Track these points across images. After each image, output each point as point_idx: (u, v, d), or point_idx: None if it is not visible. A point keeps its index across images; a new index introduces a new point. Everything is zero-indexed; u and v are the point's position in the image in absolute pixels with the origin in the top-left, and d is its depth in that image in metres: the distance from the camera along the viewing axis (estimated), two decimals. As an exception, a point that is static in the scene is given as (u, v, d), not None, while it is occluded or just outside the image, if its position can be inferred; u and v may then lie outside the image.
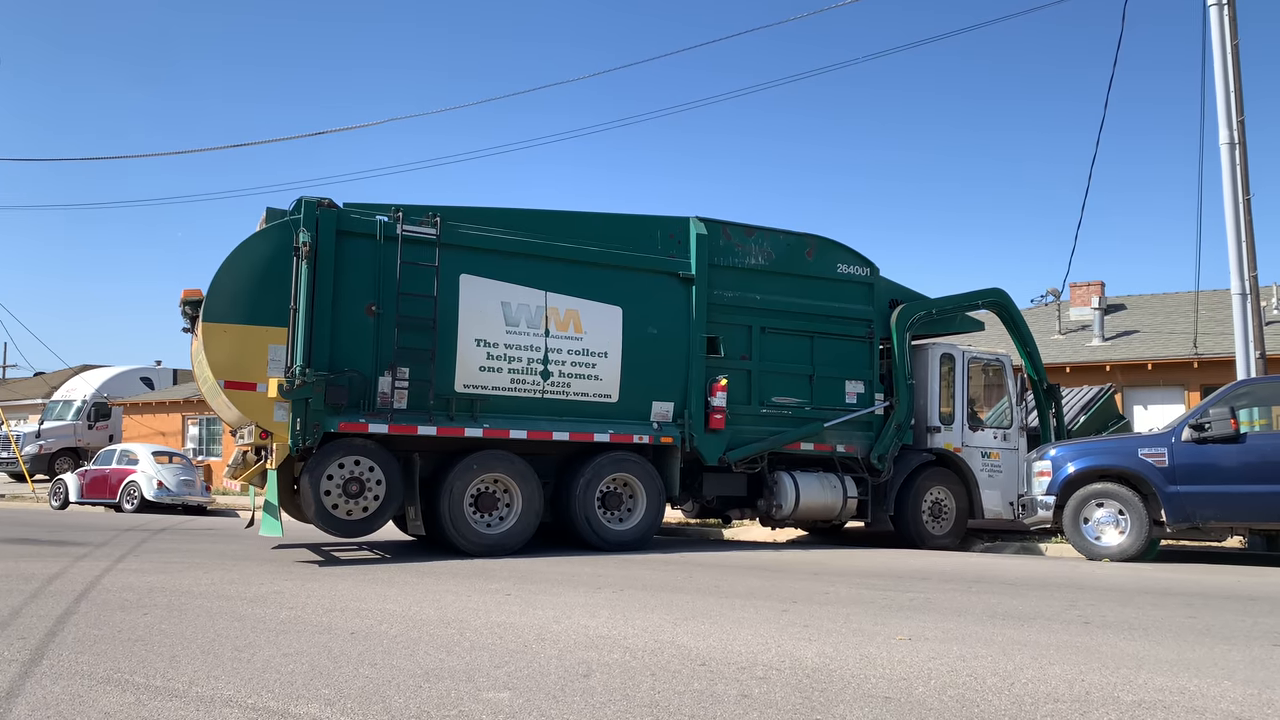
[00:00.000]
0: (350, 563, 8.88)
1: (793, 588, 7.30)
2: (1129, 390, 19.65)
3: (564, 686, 3.98)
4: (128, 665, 4.32)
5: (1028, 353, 13.08)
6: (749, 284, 11.32)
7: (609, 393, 10.37)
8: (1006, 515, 12.45)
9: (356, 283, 9.27)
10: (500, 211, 10.19)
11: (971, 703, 3.80)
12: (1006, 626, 5.59)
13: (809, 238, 11.82)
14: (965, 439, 12.35)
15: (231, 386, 8.82)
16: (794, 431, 11.42)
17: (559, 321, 10.14)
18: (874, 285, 12.11)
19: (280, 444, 8.89)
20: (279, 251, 8.96)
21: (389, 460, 9.23)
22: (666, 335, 10.72)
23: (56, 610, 5.87)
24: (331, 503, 8.96)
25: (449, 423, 9.51)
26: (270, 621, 5.53)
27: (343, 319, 9.17)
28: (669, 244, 10.91)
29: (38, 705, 3.65)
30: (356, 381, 9.17)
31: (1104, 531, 10.18)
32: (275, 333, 8.89)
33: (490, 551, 9.47)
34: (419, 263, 9.48)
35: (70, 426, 31.09)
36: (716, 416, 10.76)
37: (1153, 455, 9.98)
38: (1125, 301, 24.75)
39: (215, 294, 8.82)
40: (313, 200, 9.15)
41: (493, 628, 5.35)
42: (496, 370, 9.82)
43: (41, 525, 14.80)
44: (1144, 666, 4.51)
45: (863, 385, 11.93)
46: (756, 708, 3.69)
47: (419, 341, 9.42)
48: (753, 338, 11.30)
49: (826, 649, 4.83)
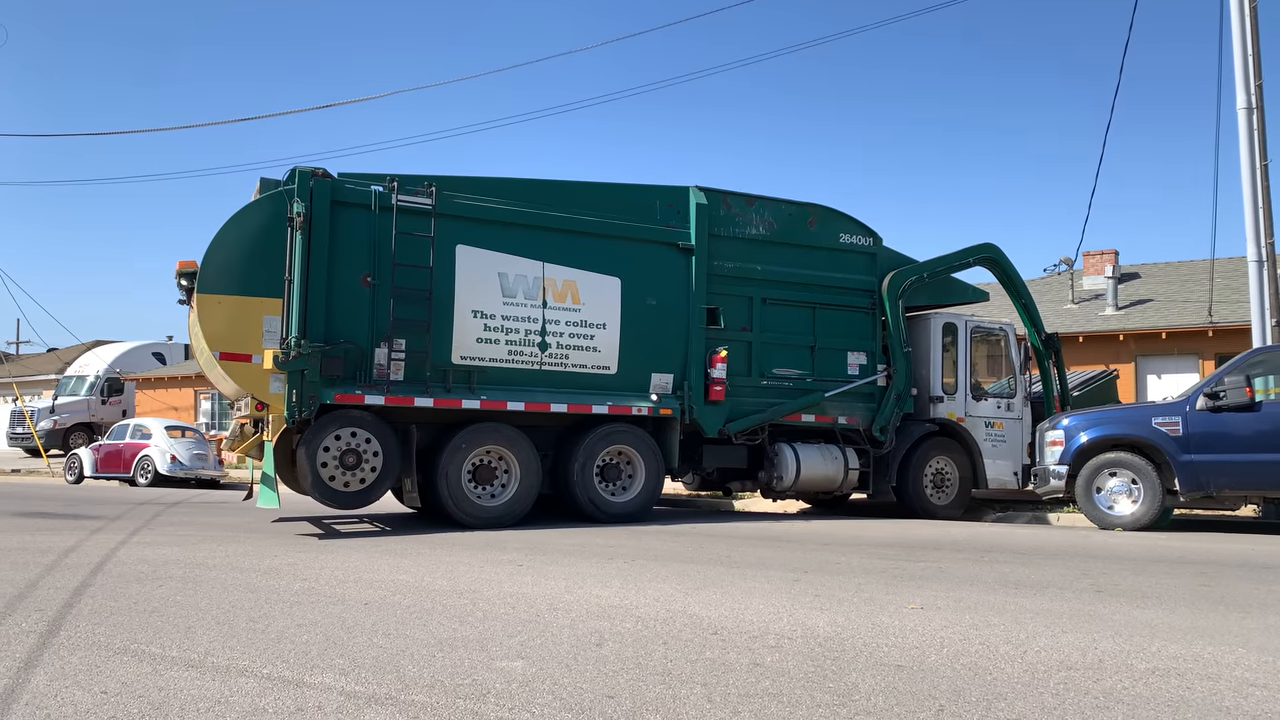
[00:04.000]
0: (358, 534, 8.92)
1: (804, 558, 7.31)
2: (1143, 359, 19.52)
3: (576, 655, 4.00)
4: (144, 636, 4.36)
5: (1023, 304, 12.87)
6: (750, 254, 11.16)
7: (607, 364, 10.27)
8: (1011, 485, 12.36)
9: (352, 253, 9.16)
10: (497, 181, 10.05)
11: (984, 670, 3.80)
12: (1019, 595, 5.58)
13: (811, 207, 11.65)
14: (968, 409, 12.22)
15: (227, 358, 8.74)
16: (794, 403, 11.30)
17: (556, 292, 10.01)
18: (877, 255, 11.92)
19: (276, 416, 8.87)
20: (273, 222, 8.84)
21: (386, 432, 9.16)
22: (666, 306, 10.59)
23: (73, 582, 5.92)
24: (328, 474, 8.92)
25: (446, 395, 9.43)
26: (284, 593, 5.56)
27: (338, 290, 9.07)
28: (668, 214, 10.74)
29: (56, 676, 3.68)
30: (352, 353, 9.09)
31: (1117, 501, 10.16)
32: (270, 304, 8.79)
33: (487, 524, 9.37)
34: (414, 233, 9.36)
35: (84, 402, 31.30)
36: (716, 388, 10.64)
37: (1167, 424, 9.94)
38: (1139, 270, 24.52)
39: (209, 265, 8.72)
40: (306, 170, 9.02)
41: (505, 598, 5.37)
42: (494, 342, 9.72)
43: (57, 499, 14.94)
44: (1158, 634, 4.50)
45: (865, 356, 11.79)
46: (769, 676, 3.70)
47: (415, 313, 9.31)
48: (753, 309, 11.16)
49: (838, 618, 4.83)
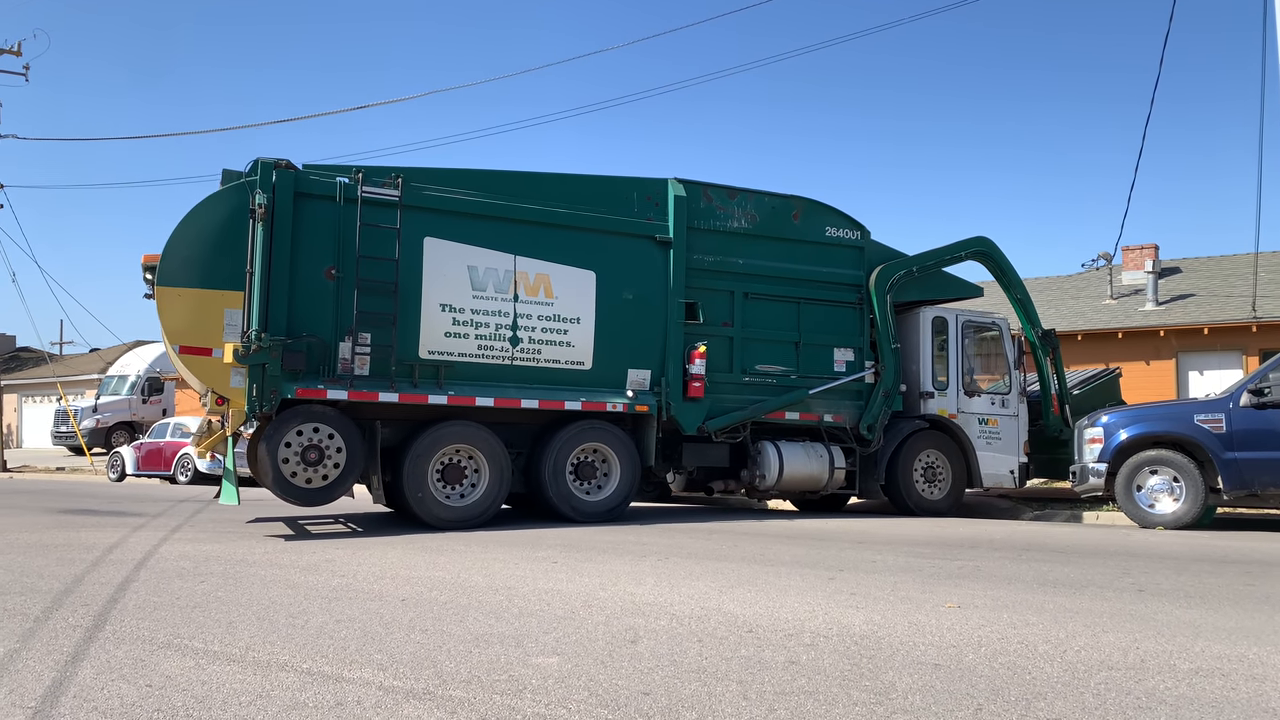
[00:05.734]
0: (396, 532, 8.99)
1: (838, 556, 7.27)
2: (1184, 355, 19.19)
3: (612, 652, 4.01)
4: (186, 631, 4.43)
5: (1018, 299, 12.54)
6: (731, 248, 10.91)
7: (582, 360, 10.07)
8: (1007, 483, 12.07)
9: (316, 246, 9.00)
10: (469, 173, 9.88)
11: (1023, 670, 3.76)
12: (1058, 594, 5.52)
13: (795, 199, 11.33)
14: (960, 405, 11.93)
15: (186, 351, 8.65)
16: (777, 400, 11.05)
17: (529, 286, 9.83)
18: (865, 249, 11.64)
19: (236, 410, 8.73)
20: (235, 214, 8.70)
21: (349, 428, 8.98)
22: (643, 300, 10.36)
23: (117, 578, 6.04)
24: (290, 470, 8.74)
25: (412, 389, 9.23)
26: (323, 589, 5.63)
27: (301, 283, 8.91)
28: (646, 206, 10.50)
29: (102, 669, 3.75)
30: (316, 347, 8.92)
31: (1158, 499, 10.00)
32: (232, 297, 8.66)
33: (454, 525, 9.13)
34: (380, 225, 9.15)
35: (125, 401, 31.84)
36: (695, 384, 10.41)
37: (1209, 421, 9.76)
38: (1180, 264, 24.09)
39: (169, 258, 8.58)
40: (269, 161, 8.86)
41: (540, 594, 5.40)
42: (463, 336, 9.53)
43: (100, 496, 15.24)
44: (1201, 634, 4.42)
45: (852, 353, 11.53)
46: (805, 674, 3.69)
47: (380, 306, 9.13)
48: (735, 303, 10.91)
49: (874, 616, 4.81)
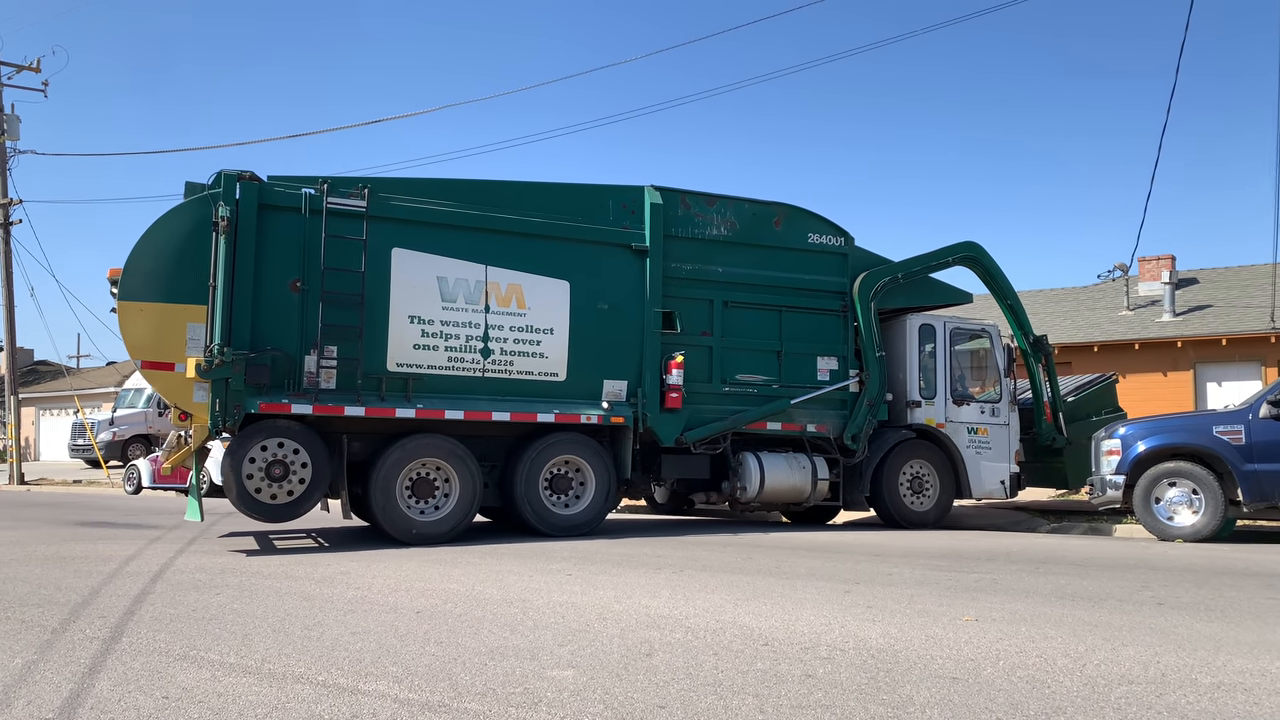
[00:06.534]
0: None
1: (854, 569, 7.23)
2: (1202, 366, 19.04)
3: (627, 665, 4.00)
4: (202, 643, 4.44)
5: (1008, 305, 12.35)
6: (710, 255, 10.79)
7: (556, 371, 9.93)
8: (998, 494, 11.85)
9: (281, 258, 8.90)
10: (440, 182, 9.79)
11: (1042, 684, 3.73)
12: (1076, 607, 5.47)
13: (777, 206, 11.20)
14: (949, 414, 11.72)
15: (149, 367, 8.60)
16: (758, 410, 10.87)
17: (500, 297, 9.71)
18: (849, 255, 11.46)
19: (199, 426, 8.66)
20: (198, 226, 8.60)
21: (315, 442, 8.82)
22: (619, 310, 10.22)
23: (133, 590, 6.06)
24: (254, 486, 8.57)
25: (379, 403, 9.06)
26: (338, 601, 5.64)
27: (265, 296, 8.81)
28: (622, 214, 10.36)
29: (119, 680, 3.77)
30: (281, 360, 8.81)
31: (1177, 512, 9.90)
32: (195, 311, 8.56)
33: (423, 540, 8.95)
34: (345, 236, 9.05)
35: (141, 414, 31.99)
36: (673, 395, 10.25)
37: (1229, 433, 9.67)
38: (1197, 275, 23.94)
39: (131, 272, 8.49)
40: (233, 173, 8.78)
41: (555, 607, 5.39)
42: (432, 348, 9.40)
43: (117, 509, 15.34)
44: (1222, 648, 4.37)
45: (836, 361, 11.32)
46: (821, 687, 3.66)
47: (347, 318, 9.01)
48: (714, 312, 10.77)
49: (891, 629, 4.78)
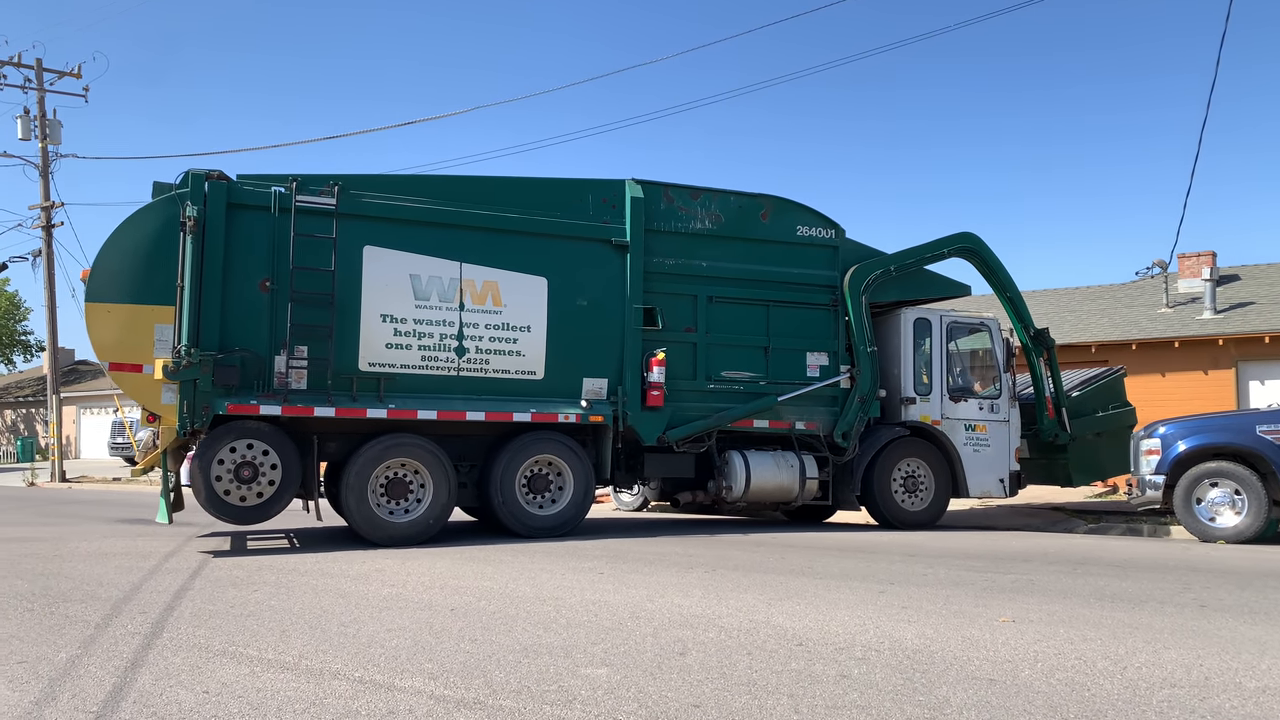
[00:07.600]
0: (443, 541, 9.05)
1: (889, 569, 7.18)
2: (1244, 364, 18.68)
3: (660, 664, 4.00)
4: (241, 639, 4.50)
5: (1008, 298, 12.06)
6: (694, 250, 10.56)
7: (533, 369, 9.77)
8: (996, 493, 11.58)
9: (249, 258, 8.83)
10: (412, 179, 9.74)
11: (1082, 686, 3.68)
12: (1116, 609, 5.39)
13: (764, 198, 10.93)
14: (945, 410, 11.42)
15: (116, 368, 8.52)
16: (743, 408, 10.61)
17: (475, 294, 9.56)
18: (839, 248, 11.17)
19: (168, 428, 8.59)
20: (166, 227, 8.53)
21: (285, 444, 8.72)
22: (598, 307, 10.05)
23: (173, 586, 6.16)
24: (223, 488, 8.49)
25: (351, 403, 8.94)
26: (373, 598, 5.69)
27: (234, 296, 8.73)
28: (602, 209, 10.18)
29: (160, 675, 3.83)
30: (250, 361, 8.71)
31: (1219, 512, 9.73)
32: (162, 312, 8.50)
33: (396, 542, 8.81)
34: (316, 235, 8.95)
35: (181, 413, 32.50)
36: (654, 393, 10.01)
37: (1273, 432, 9.50)
38: (1239, 272, 23.47)
39: (98, 273, 8.44)
40: (200, 173, 8.73)
41: (588, 605, 5.40)
42: (405, 347, 9.28)
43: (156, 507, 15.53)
44: (1268, 651, 4.29)
45: (826, 357, 11.03)
46: (856, 688, 3.64)
47: (317, 318, 8.89)
48: (699, 308, 10.53)
49: (927, 630, 4.74)
